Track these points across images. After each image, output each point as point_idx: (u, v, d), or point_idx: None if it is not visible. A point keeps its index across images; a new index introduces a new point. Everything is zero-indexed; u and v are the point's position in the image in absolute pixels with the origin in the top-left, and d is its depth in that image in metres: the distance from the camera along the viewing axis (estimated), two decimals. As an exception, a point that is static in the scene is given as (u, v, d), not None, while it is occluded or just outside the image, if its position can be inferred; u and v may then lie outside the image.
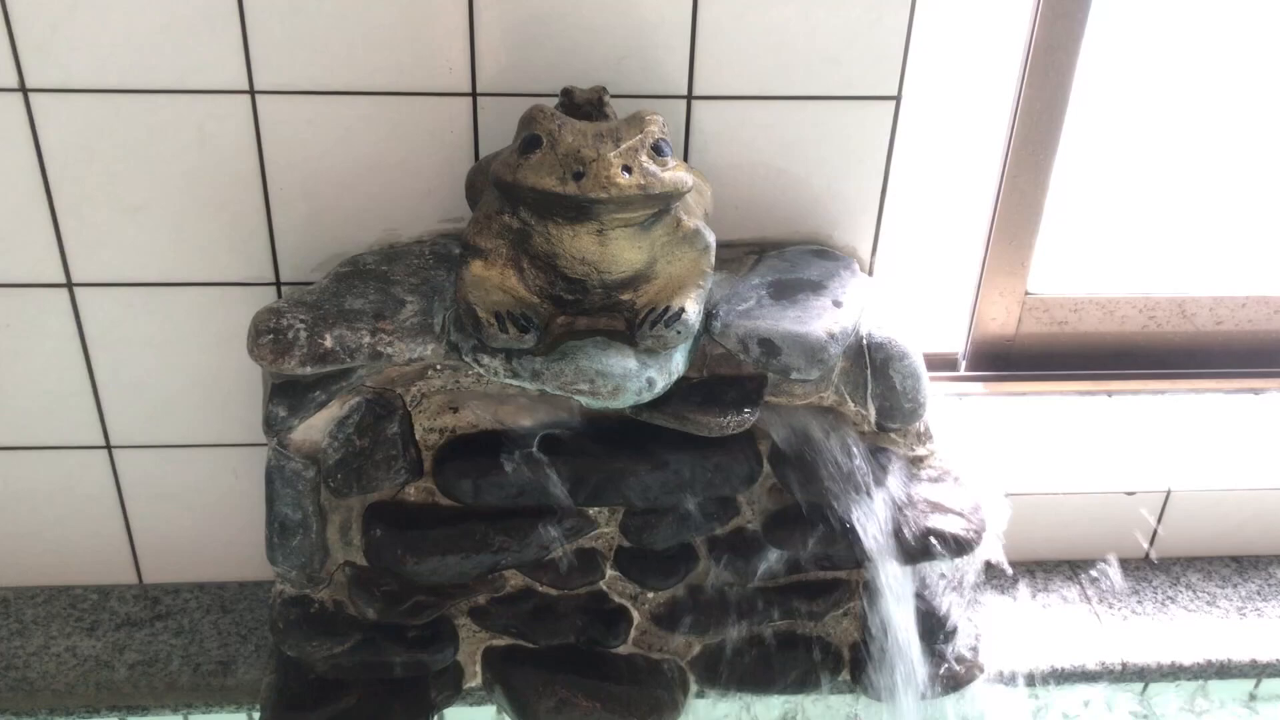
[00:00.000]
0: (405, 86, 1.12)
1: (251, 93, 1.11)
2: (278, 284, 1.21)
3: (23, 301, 1.20)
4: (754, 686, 1.27)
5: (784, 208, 1.22)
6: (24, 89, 1.09)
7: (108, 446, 1.31)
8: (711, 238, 1.05)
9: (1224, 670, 1.41)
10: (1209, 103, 1.41)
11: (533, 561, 1.20)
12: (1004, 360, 1.46)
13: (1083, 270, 1.45)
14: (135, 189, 1.15)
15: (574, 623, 1.24)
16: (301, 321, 1.05)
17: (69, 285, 1.20)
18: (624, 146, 0.95)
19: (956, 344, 1.46)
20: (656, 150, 0.96)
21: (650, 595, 1.25)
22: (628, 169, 0.94)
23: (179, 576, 1.43)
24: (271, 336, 1.05)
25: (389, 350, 1.06)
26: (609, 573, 1.24)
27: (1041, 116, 1.31)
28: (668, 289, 1.04)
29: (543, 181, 0.95)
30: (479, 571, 1.17)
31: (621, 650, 1.26)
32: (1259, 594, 1.50)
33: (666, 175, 0.97)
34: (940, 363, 1.45)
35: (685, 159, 1.18)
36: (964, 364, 1.46)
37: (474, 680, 1.27)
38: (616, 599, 1.25)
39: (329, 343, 1.05)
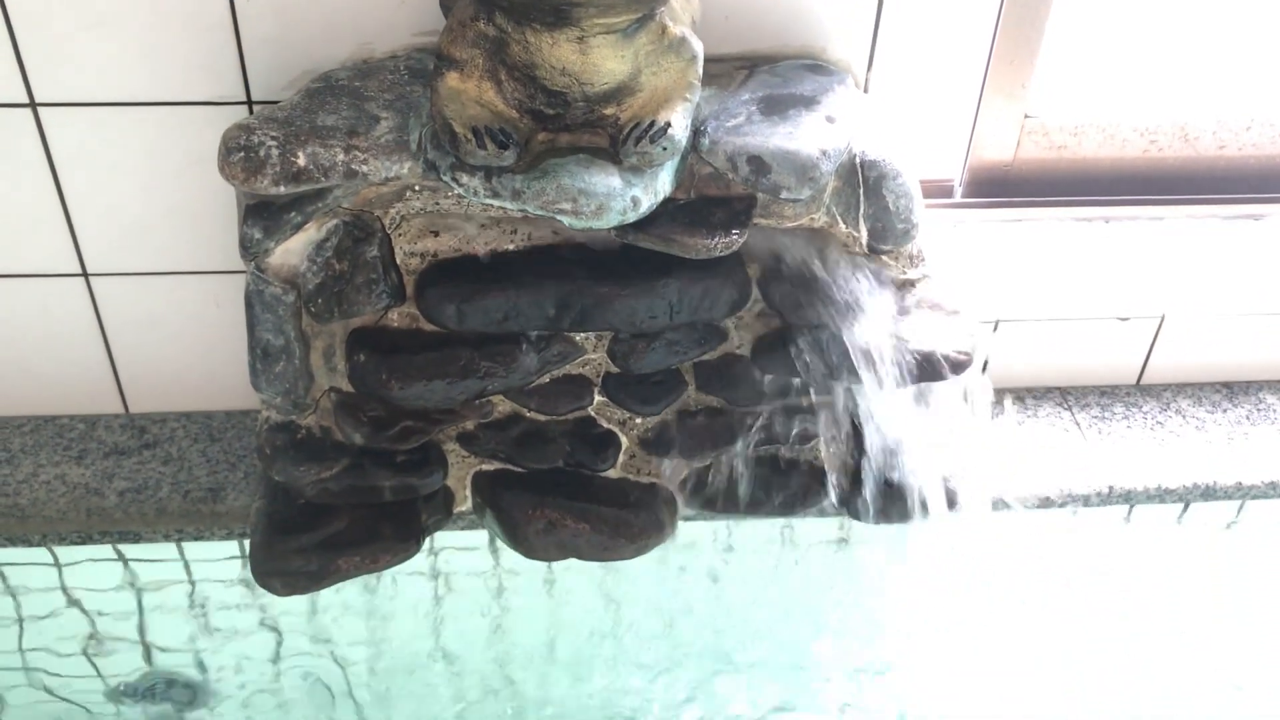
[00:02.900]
0: (374, -114, 1.06)
1: (211, -106, 1.05)
2: (249, 103, 1.17)
3: (-15, 123, 1.16)
4: (742, 510, 1.28)
5: (776, 19, 1.17)
6: (-32, -110, 1.03)
7: (84, 274, 1.28)
8: (699, 47, 1.01)
9: (1209, 493, 1.42)
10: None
11: (520, 387, 1.19)
12: (1001, 186, 1.43)
13: (1084, 98, 1.40)
14: (95, 2, 1.09)
15: (562, 447, 1.24)
16: (273, 139, 1.02)
17: (32, 105, 1.15)
18: (604, -57, 0.90)
19: (953, 171, 1.42)
20: (639, -52, 0.91)
21: (638, 420, 1.25)
22: (608, -33, 0.89)
23: (166, 406, 1.42)
24: (243, 154, 1.01)
25: (364, 169, 1.02)
26: (597, 398, 1.23)
27: (1048, -77, 1.24)
28: (653, 102, 1.00)
29: (518, -19, 0.90)
30: (465, 397, 1.17)
31: (610, 474, 1.26)
32: (1248, 419, 1.50)
33: (650, -25, 0.92)
34: (936, 190, 1.41)
35: (672, -34, 1.12)
36: (960, 191, 1.43)
37: (464, 505, 1.28)
38: (605, 424, 1.25)
39: (302, 160, 1.01)
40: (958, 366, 1.17)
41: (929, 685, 1.56)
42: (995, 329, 1.45)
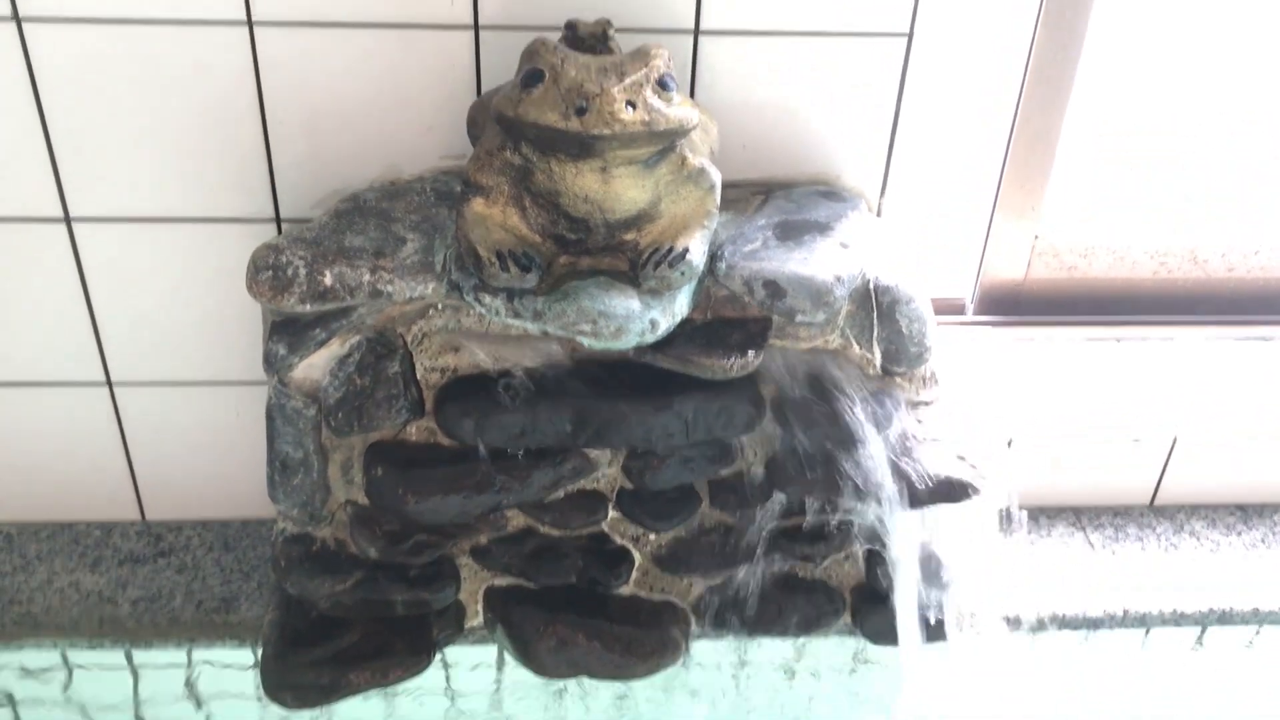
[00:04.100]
0: (406, 19, 1.10)
1: (249, 24, 1.09)
2: (277, 220, 1.20)
3: (20, 236, 1.19)
4: (755, 628, 1.27)
5: (792, 147, 1.20)
6: (17, 18, 1.07)
7: (108, 383, 1.30)
8: (717, 177, 1.04)
9: (1226, 618, 1.41)
10: (1229, 50, 1.37)
11: (534, 501, 1.20)
12: (1012, 305, 1.45)
13: (1095, 221, 1.42)
14: (132, 122, 1.13)
15: (575, 563, 1.24)
16: (301, 258, 1.04)
17: (66, 220, 1.19)
18: (628, 81, 0.93)
19: (965, 289, 1.44)
20: (662, 85, 0.94)
21: (652, 537, 1.25)
22: (632, 104, 0.93)
23: (182, 514, 1.43)
24: (270, 273, 1.03)
25: (389, 288, 1.05)
26: (611, 514, 1.23)
27: (1056, 57, 1.28)
28: (672, 229, 1.03)
29: (545, 117, 0.93)
30: (480, 511, 1.17)
31: (623, 591, 1.26)
32: (1263, 542, 1.49)
33: (671, 111, 0.95)
34: (948, 307, 1.43)
35: (691, 96, 1.15)
36: (972, 308, 1.45)
37: (475, 619, 1.27)
38: (618, 540, 1.25)
39: (329, 280, 1.03)
40: (969, 489, 1.17)
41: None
42: (1008, 448, 1.46)
